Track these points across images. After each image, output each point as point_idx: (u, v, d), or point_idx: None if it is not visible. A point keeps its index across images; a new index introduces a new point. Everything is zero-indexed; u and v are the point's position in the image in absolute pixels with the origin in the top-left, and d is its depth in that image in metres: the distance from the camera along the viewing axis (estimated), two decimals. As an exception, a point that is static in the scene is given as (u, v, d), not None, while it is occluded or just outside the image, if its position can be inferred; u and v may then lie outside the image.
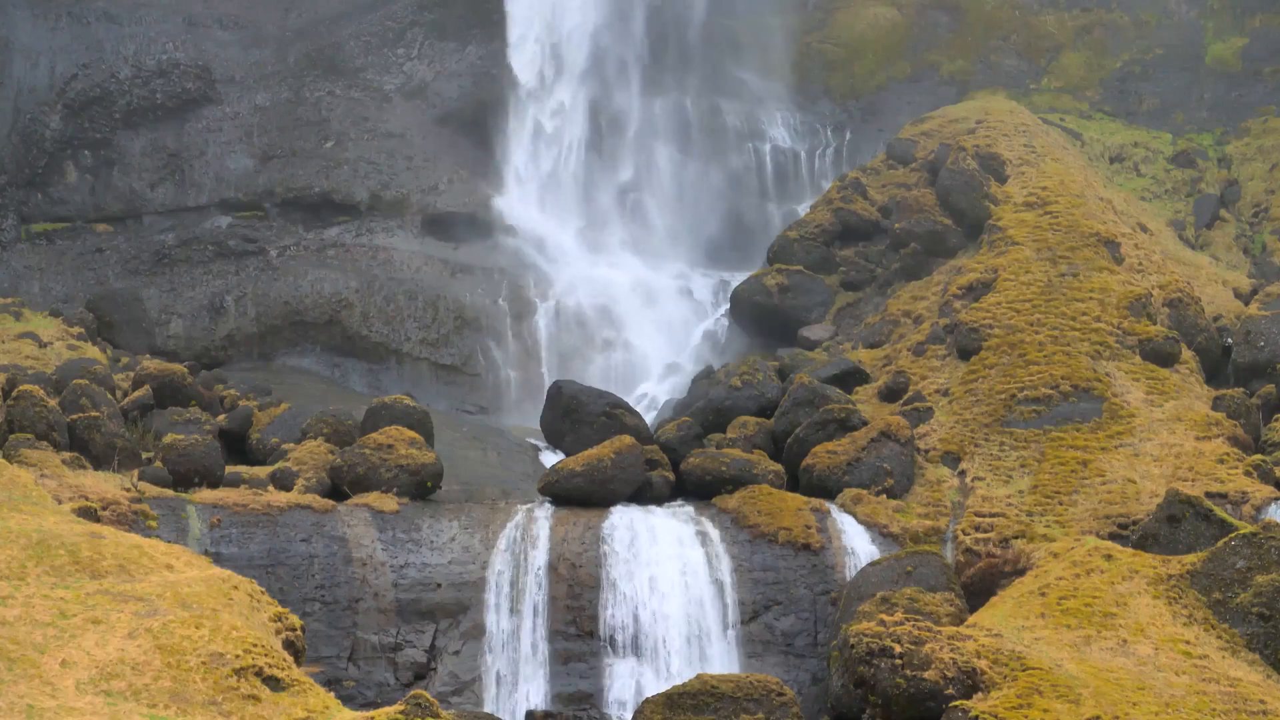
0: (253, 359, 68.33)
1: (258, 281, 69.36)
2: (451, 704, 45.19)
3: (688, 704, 40.13)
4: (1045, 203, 63.55)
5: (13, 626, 33.84)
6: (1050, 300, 57.96)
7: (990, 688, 38.54)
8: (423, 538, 47.96)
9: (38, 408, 48.49)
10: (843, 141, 78.26)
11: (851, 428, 52.75)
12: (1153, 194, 73.09)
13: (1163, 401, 53.90)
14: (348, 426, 52.49)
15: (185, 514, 46.47)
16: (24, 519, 38.95)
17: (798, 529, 48.68)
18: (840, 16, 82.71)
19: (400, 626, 46.62)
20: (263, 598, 38.20)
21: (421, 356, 68.67)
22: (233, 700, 32.88)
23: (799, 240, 67.75)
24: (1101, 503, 49.58)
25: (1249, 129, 76.23)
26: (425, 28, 75.44)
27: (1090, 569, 43.87)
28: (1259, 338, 57.00)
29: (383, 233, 71.55)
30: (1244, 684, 39.58)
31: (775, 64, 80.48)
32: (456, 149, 74.13)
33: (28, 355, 58.45)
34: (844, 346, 61.84)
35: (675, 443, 53.60)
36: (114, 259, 69.85)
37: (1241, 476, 49.95)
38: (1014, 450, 52.41)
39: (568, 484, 50.14)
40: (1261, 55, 78.87)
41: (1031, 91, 79.37)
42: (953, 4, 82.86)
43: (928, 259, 64.49)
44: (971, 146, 67.68)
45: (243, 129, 72.78)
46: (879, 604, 44.91)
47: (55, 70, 71.81)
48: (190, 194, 71.79)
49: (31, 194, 70.70)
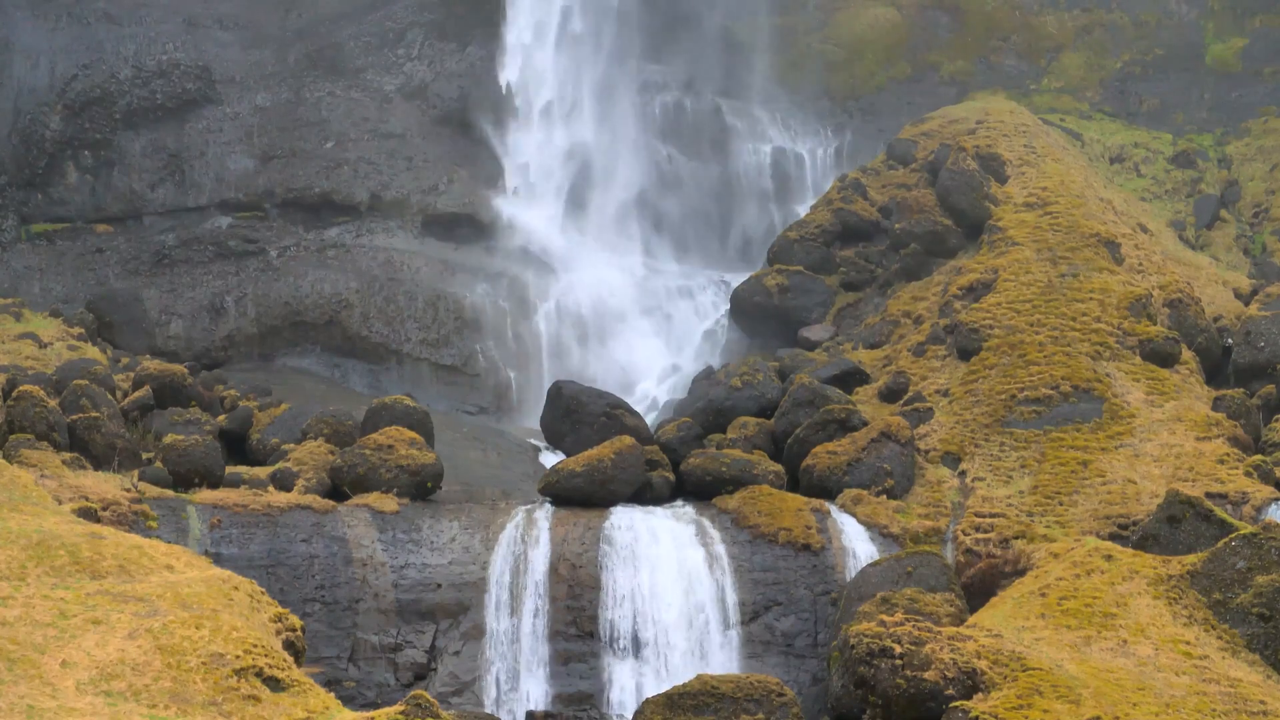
0: (253, 359, 68.32)
1: (258, 282, 69.35)
2: (452, 704, 45.17)
3: (688, 704, 40.12)
4: (1045, 203, 63.53)
5: (13, 627, 33.82)
6: (1050, 301, 57.93)
7: (990, 688, 38.53)
8: (423, 538, 47.93)
9: (38, 408, 48.48)
10: (843, 141, 78.26)
11: (852, 428, 52.74)
12: (1153, 194, 73.09)
13: (1163, 402, 53.89)
14: (348, 427, 52.48)
15: (185, 514, 46.44)
16: (24, 519, 38.93)
17: (798, 529, 48.66)
18: (840, 16, 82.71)
19: (400, 627, 46.59)
20: (263, 598, 38.18)
21: (421, 357, 68.65)
22: (233, 701, 32.87)
23: (799, 240, 67.74)
24: (1102, 503, 49.56)
25: (1249, 129, 76.24)
26: (425, 28, 75.43)
27: (1090, 569, 43.86)
28: (1259, 338, 56.98)
29: (383, 233, 71.54)
30: (1244, 684, 39.57)
31: (776, 64, 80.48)
32: (456, 149, 74.13)
33: (28, 355, 58.44)
34: (844, 347, 61.82)
35: (675, 443, 53.57)
36: (114, 259, 69.84)
37: (1241, 477, 49.94)
38: (1014, 451, 52.39)
39: (568, 484, 50.12)
40: (1261, 55, 78.88)
41: (1031, 92, 79.35)
42: (953, 4, 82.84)
43: (928, 259, 64.47)
44: (972, 147, 67.64)
45: (243, 129, 72.77)
46: (879, 604, 44.90)
47: (55, 70, 71.81)
48: (190, 194, 71.79)
49: (31, 194, 70.69)
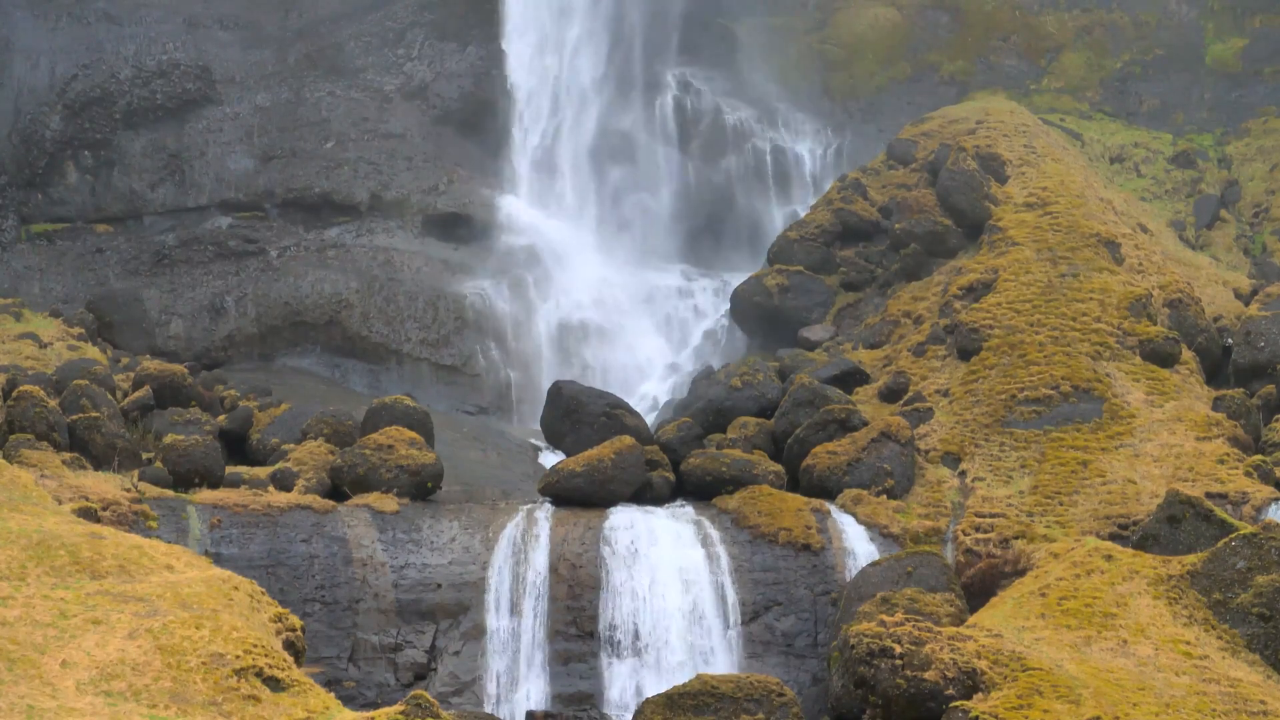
0: (253, 359, 68.31)
1: (258, 282, 69.34)
2: (451, 704, 45.16)
3: (688, 704, 40.11)
4: (1045, 203, 63.52)
5: (13, 627, 33.82)
6: (1050, 301, 57.93)
7: (990, 688, 38.53)
8: (423, 538, 47.92)
9: (38, 408, 48.48)
10: (843, 141, 78.23)
11: (852, 428, 52.73)
12: (1153, 194, 73.07)
13: (1163, 402, 53.88)
14: (348, 427, 52.48)
15: (185, 514, 46.44)
16: (24, 519, 38.92)
17: (798, 529, 48.65)
18: (840, 16, 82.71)
19: (400, 627, 46.59)
20: (263, 598, 38.18)
21: (421, 357, 68.64)
22: (233, 701, 32.87)
23: (799, 241, 67.74)
24: (1102, 503, 49.56)
25: (1249, 129, 76.24)
26: (425, 28, 75.43)
27: (1090, 569, 43.86)
28: (1259, 338, 56.96)
29: (383, 233, 71.54)
30: (1244, 684, 39.57)
31: (776, 64, 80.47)
32: (456, 149, 74.13)
33: (28, 355, 58.45)
34: (844, 347, 61.81)
35: (675, 443, 53.56)
36: (114, 259, 69.84)
37: (1241, 477, 49.94)
38: (1014, 451, 52.39)
39: (568, 484, 50.11)
40: (1261, 55, 78.87)
41: (1031, 92, 79.34)
42: (953, 4, 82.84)
43: (928, 259, 64.45)
44: (971, 147, 67.63)
45: (243, 129, 72.77)
46: (879, 604, 44.90)
47: (55, 70, 71.82)
48: (190, 194, 71.80)
49: (31, 194, 70.70)
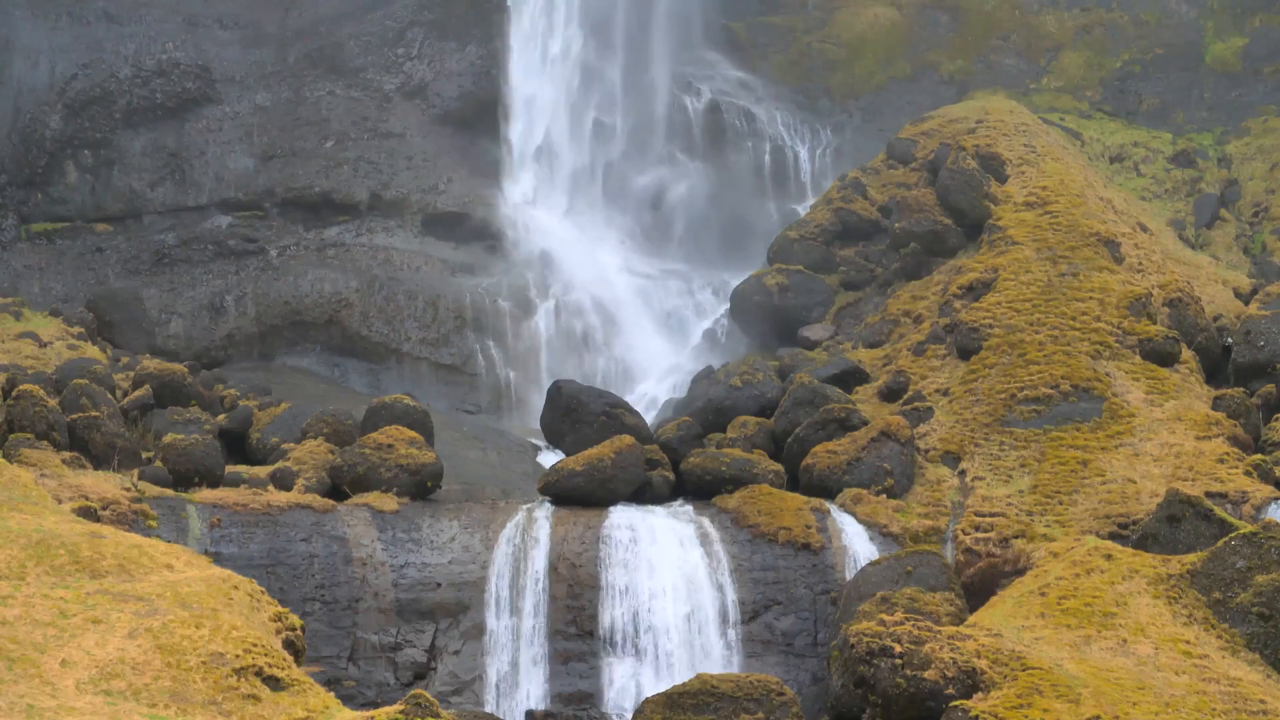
0: (253, 359, 68.29)
1: (258, 281, 69.33)
2: (451, 704, 45.16)
3: (688, 704, 40.11)
4: (1045, 202, 63.51)
5: (13, 626, 33.82)
6: (1050, 300, 57.93)
7: (990, 687, 38.53)
8: (423, 537, 47.93)
9: (38, 408, 48.48)
10: (843, 141, 78.20)
11: (851, 427, 52.74)
12: (1153, 194, 73.06)
13: (1163, 401, 53.89)
14: (348, 426, 52.49)
15: (185, 514, 46.45)
16: (24, 519, 38.92)
17: (798, 529, 48.65)
18: (840, 16, 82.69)
19: (400, 626, 46.59)
20: (263, 597, 38.17)
21: (421, 356, 68.63)
22: (233, 700, 32.88)
23: (799, 240, 67.75)
24: (1101, 502, 49.56)
25: (1249, 129, 76.21)
26: (425, 28, 75.41)
27: (1090, 569, 43.86)
28: (1259, 337, 56.96)
29: (383, 233, 71.54)
30: (1244, 684, 39.57)
31: (775, 63, 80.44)
32: (456, 149, 74.10)
33: (28, 355, 58.44)
34: (844, 346, 61.81)
35: (675, 442, 53.57)
36: (114, 259, 69.83)
37: (1241, 476, 49.95)
38: (1014, 450, 52.40)
39: (568, 484, 50.12)
40: (1261, 55, 78.85)
41: (1031, 91, 79.32)
42: (953, 4, 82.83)
43: (928, 259, 64.43)
44: (971, 146, 67.61)
45: (243, 129, 72.75)
46: (879, 604, 44.90)
47: (55, 70, 71.79)
48: (190, 194, 71.77)
49: (31, 194, 70.68)
